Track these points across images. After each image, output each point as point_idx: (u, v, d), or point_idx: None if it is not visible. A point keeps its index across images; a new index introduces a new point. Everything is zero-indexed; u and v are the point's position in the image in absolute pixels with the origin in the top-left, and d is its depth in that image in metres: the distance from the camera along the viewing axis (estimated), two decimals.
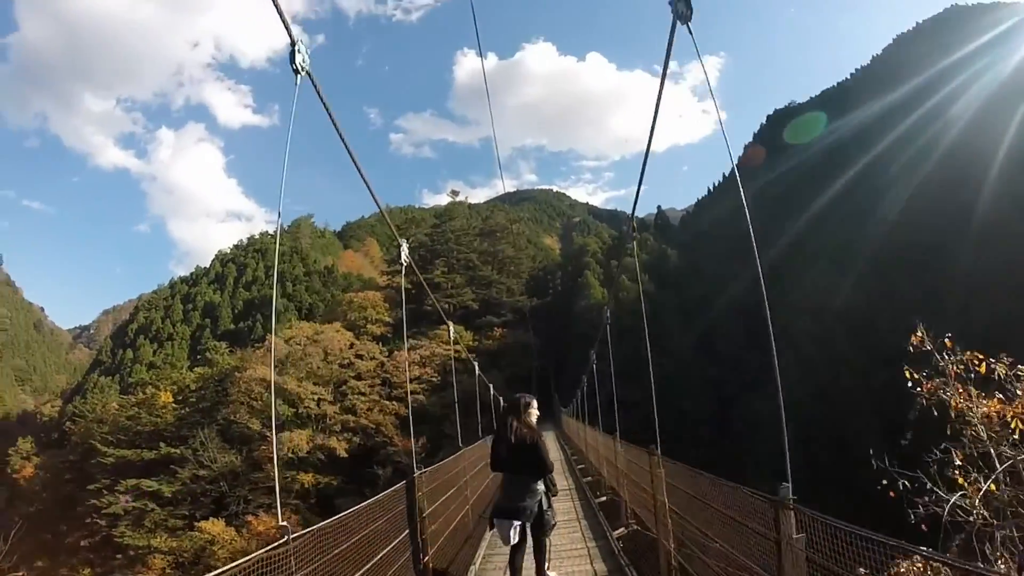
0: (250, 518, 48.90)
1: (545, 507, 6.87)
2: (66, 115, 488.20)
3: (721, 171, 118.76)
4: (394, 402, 57.99)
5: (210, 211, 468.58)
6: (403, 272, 8.42)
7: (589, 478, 20.02)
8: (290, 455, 53.59)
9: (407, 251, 7.71)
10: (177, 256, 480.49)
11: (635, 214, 9.35)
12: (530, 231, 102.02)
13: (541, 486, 6.86)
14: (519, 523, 6.76)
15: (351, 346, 65.45)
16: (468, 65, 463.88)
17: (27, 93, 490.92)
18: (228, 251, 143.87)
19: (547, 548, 7.13)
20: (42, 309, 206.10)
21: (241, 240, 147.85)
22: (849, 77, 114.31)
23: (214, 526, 48.47)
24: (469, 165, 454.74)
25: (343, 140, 5.58)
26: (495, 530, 7.05)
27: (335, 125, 5.42)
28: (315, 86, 4.98)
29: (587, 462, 22.33)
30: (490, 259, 79.46)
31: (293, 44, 4.61)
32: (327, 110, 5.19)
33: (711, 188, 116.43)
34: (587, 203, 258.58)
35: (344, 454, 54.03)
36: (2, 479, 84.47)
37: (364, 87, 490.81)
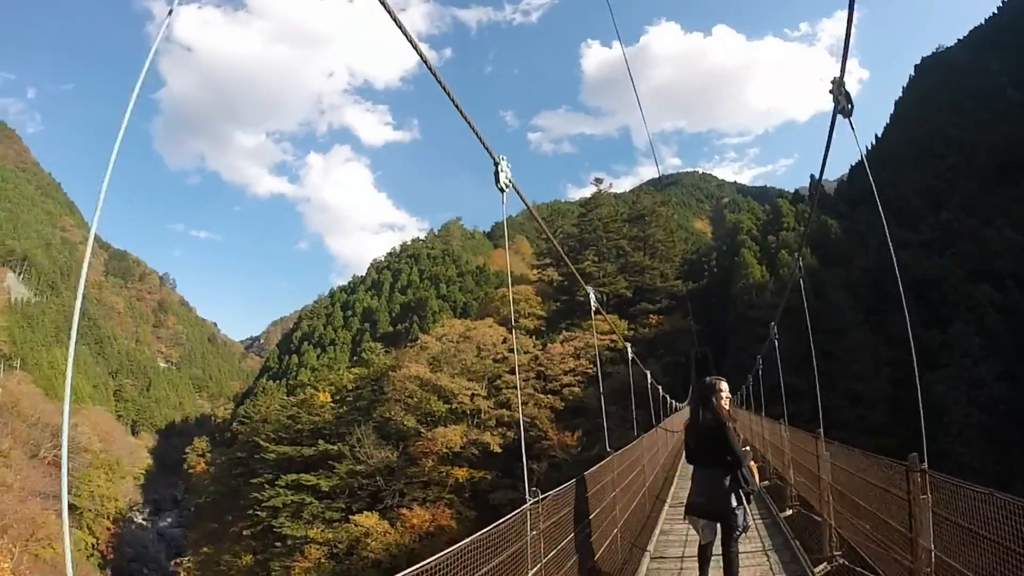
0: (403, 511, 48.52)
1: (735, 505, 6.26)
2: (221, 153, 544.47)
3: (874, 132, 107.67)
4: (549, 395, 55.92)
5: (364, 224, 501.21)
6: (503, 201, 5.94)
7: (767, 482, 16.20)
8: (444, 450, 53.02)
9: (508, 171, 5.86)
10: (336, 268, 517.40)
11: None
12: (679, 216, 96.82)
13: (730, 481, 6.26)
14: (708, 522, 6.41)
15: (504, 341, 64.12)
16: (594, 57, 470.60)
17: (183, 138, 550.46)
18: (382, 259, 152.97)
19: (736, 559, 6.46)
20: (215, 324, 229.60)
21: (394, 248, 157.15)
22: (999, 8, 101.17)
23: (368, 519, 48.52)
24: (610, 156, 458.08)
25: (470, 124, 5.38)
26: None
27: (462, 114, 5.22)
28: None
29: (764, 462, 18.35)
30: (641, 244, 75.87)
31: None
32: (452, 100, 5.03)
33: (865, 151, 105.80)
34: (735, 182, 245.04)
35: (498, 449, 52.35)
36: (180, 474, 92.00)
37: (496, 92, 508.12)
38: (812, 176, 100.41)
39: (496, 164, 5.76)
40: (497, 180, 5.80)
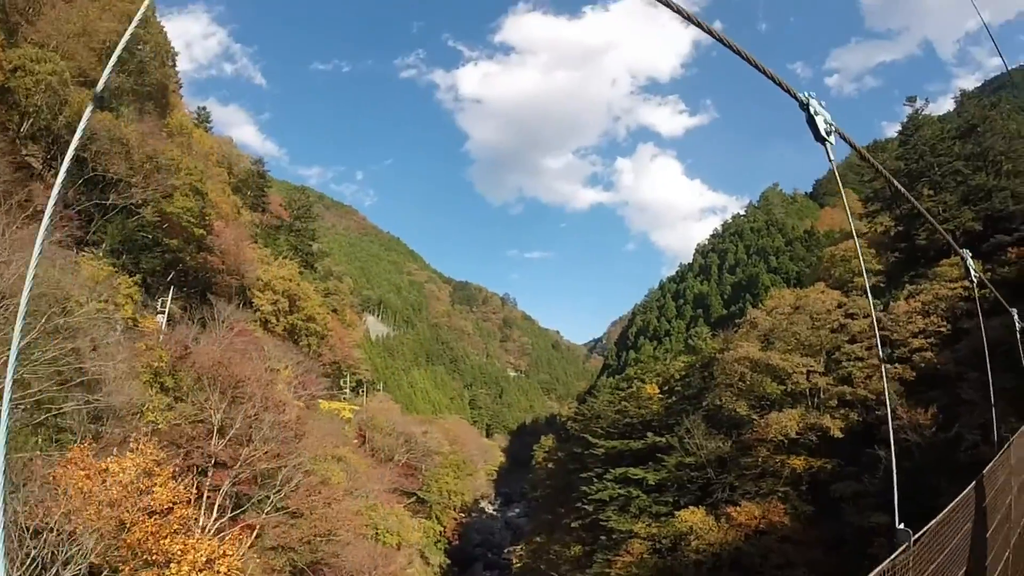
0: (730, 508, 44.31)
1: None
2: (535, 180, 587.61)
3: None
4: (897, 365, 46.79)
5: (685, 214, 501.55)
6: (830, 155, 4.66)
7: None
8: (779, 438, 47.84)
9: (826, 113, 4.50)
10: (667, 261, 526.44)
11: None
12: (1017, 124, 75.53)
13: None
14: None
15: (839, 306, 56.31)
16: None
17: (498, 176, 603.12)
18: (706, 242, 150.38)
19: None
20: (557, 332, 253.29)
21: (716, 228, 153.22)
22: None
23: (693, 515, 45.38)
24: (918, 76, 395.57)
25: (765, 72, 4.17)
26: None
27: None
28: None
29: None
30: (980, 162, 60.49)
31: None
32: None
33: None
34: None
35: (839, 433, 45.04)
36: (529, 469, 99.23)
37: (779, 47, 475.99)
38: None
39: (806, 108, 4.39)
40: (816, 129, 4.39)
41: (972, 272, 9.24)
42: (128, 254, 43.06)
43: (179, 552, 17.87)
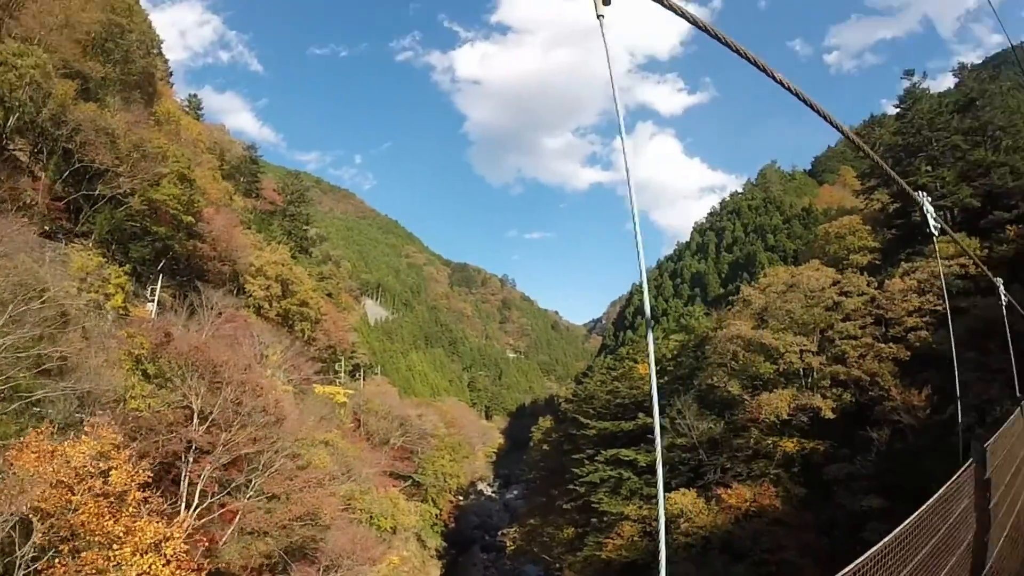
0: (721, 490, 43.58)
1: None
2: (534, 160, 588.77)
3: None
4: (891, 344, 45.84)
5: (685, 193, 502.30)
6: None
7: None
8: (771, 419, 47.26)
9: None
10: (666, 241, 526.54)
11: None
12: (1019, 99, 72.38)
13: None
14: None
15: (834, 284, 55.42)
16: None
17: (497, 157, 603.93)
18: (704, 220, 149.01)
19: None
20: (556, 312, 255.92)
21: (713, 207, 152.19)
22: None
23: (684, 497, 44.57)
24: (918, 54, 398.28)
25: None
26: None
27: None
28: None
29: None
30: (979, 138, 58.70)
31: None
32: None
33: None
34: None
35: (831, 414, 44.21)
36: (528, 452, 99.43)
37: (778, 23, 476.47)
38: None
39: None
40: None
41: (931, 219, 8.34)
42: (117, 244, 42.82)
43: (122, 534, 17.69)
